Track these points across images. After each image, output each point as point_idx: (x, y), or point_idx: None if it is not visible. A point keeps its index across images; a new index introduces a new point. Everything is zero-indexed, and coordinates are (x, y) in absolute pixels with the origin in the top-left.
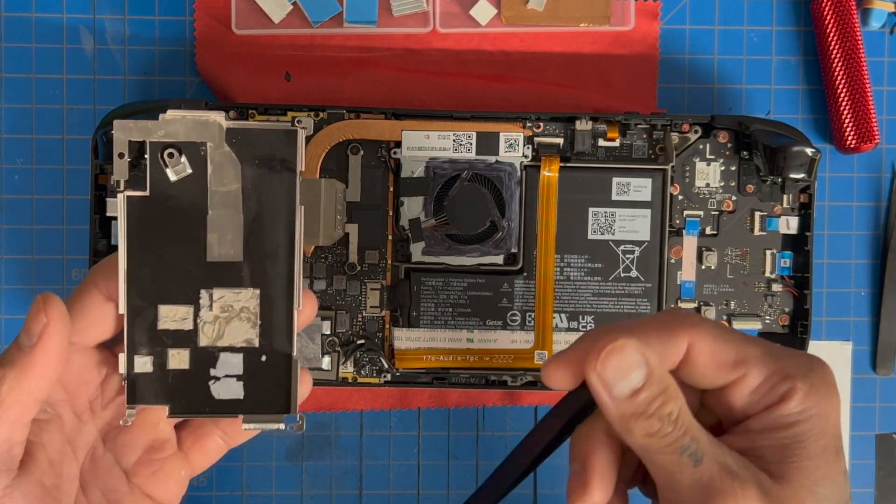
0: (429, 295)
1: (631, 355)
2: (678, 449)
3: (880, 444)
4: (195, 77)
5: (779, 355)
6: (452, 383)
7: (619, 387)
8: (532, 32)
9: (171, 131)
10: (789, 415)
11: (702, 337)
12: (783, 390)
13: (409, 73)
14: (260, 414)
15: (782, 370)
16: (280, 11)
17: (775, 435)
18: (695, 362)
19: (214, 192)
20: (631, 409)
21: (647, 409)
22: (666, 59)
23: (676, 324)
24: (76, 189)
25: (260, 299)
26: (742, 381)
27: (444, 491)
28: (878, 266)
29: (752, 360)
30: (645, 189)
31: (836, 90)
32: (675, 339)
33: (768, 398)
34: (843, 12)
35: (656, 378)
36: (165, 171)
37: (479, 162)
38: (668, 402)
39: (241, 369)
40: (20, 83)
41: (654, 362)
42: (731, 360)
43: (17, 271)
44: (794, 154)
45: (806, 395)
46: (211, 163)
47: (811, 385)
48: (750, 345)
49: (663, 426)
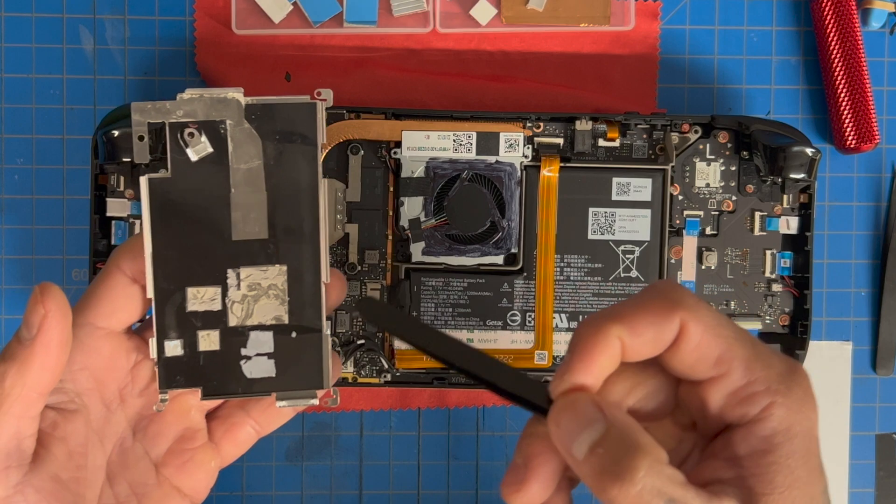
0: (429, 295)
1: (584, 409)
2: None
3: (880, 444)
4: (195, 77)
5: (765, 362)
6: (452, 383)
7: (576, 445)
8: (532, 32)
9: (190, 111)
10: (773, 435)
11: (694, 323)
12: (764, 403)
13: (409, 73)
14: (293, 391)
15: (765, 380)
16: (280, 11)
17: (761, 461)
18: (681, 346)
19: (236, 169)
20: (595, 466)
21: (608, 466)
22: (666, 59)
23: (671, 303)
24: (76, 189)
25: (287, 275)
26: (721, 379)
27: (444, 491)
28: (878, 266)
29: (738, 360)
30: (645, 189)
31: (836, 90)
32: (668, 323)
33: (746, 407)
34: (843, 12)
35: (615, 431)
36: (186, 151)
37: (480, 162)
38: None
39: (271, 347)
40: (20, 83)
41: (612, 414)
42: (715, 356)
43: (17, 271)
44: (794, 154)
45: (788, 412)
46: (231, 140)
47: (794, 400)
48: (739, 344)
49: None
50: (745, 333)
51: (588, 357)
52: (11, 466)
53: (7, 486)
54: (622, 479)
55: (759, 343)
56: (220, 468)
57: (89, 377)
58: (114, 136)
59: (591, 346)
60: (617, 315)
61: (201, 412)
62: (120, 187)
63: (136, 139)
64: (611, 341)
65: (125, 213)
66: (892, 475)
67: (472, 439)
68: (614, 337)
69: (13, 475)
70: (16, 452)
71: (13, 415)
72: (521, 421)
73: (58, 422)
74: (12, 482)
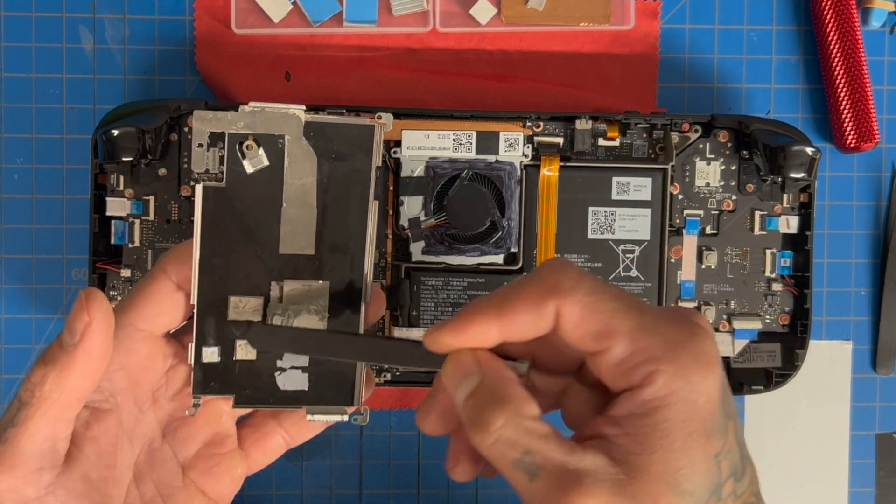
0: (429, 294)
1: (464, 361)
2: (510, 463)
3: (880, 443)
4: (195, 77)
5: (650, 331)
6: None
7: (457, 393)
8: (532, 32)
9: (250, 123)
10: (651, 400)
11: (569, 305)
12: (645, 372)
13: (409, 73)
14: (324, 405)
15: (648, 349)
16: (280, 11)
17: (637, 422)
18: (562, 329)
19: (290, 184)
20: (465, 415)
21: (473, 415)
22: (666, 59)
23: (546, 290)
24: (76, 188)
25: (329, 292)
26: (604, 354)
27: (444, 491)
28: (878, 265)
29: (620, 333)
30: (645, 188)
31: (837, 89)
32: (542, 310)
33: (629, 377)
34: (843, 12)
35: (486, 384)
36: (242, 162)
37: (479, 161)
38: (495, 410)
39: (306, 361)
40: (20, 83)
41: (487, 367)
42: (595, 331)
43: (17, 271)
44: (794, 153)
45: (670, 379)
46: (288, 155)
47: (679, 367)
48: (620, 317)
49: (487, 436)
50: (633, 304)
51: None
52: (45, 468)
53: (39, 487)
54: (481, 429)
55: (648, 312)
56: (247, 475)
57: (125, 377)
58: (114, 135)
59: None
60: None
61: (232, 418)
62: (120, 187)
63: (195, 147)
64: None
65: (125, 213)
66: (892, 474)
67: None
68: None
69: (46, 476)
70: (49, 454)
71: (50, 418)
72: None
73: (91, 421)
74: (45, 483)
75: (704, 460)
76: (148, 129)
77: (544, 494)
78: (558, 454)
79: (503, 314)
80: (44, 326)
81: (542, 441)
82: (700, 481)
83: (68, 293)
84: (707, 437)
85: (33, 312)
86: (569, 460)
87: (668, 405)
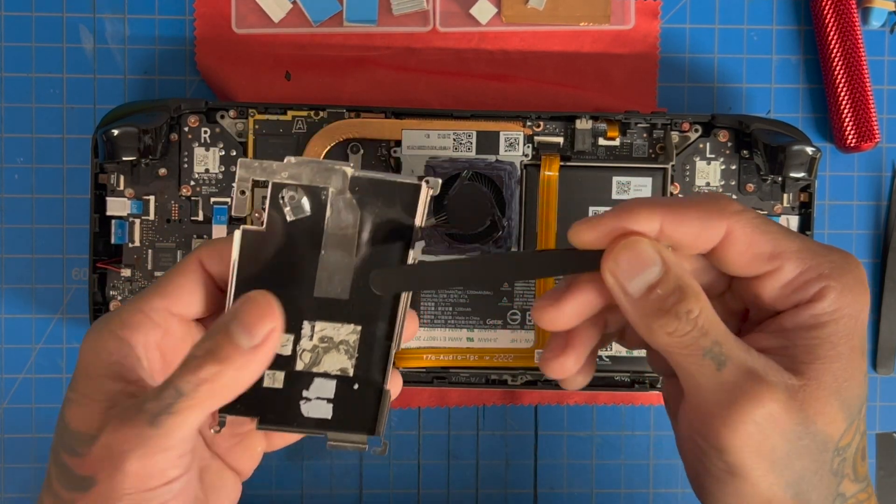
0: (429, 294)
1: (645, 251)
2: (700, 350)
3: (880, 443)
4: (195, 76)
5: (816, 252)
6: (452, 382)
7: (633, 284)
8: (532, 31)
9: (295, 174)
10: (822, 314)
11: (742, 225)
12: (816, 289)
13: (410, 73)
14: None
15: (817, 268)
16: (280, 11)
17: (806, 334)
18: (730, 249)
19: (330, 234)
20: (647, 306)
21: (662, 305)
22: (666, 59)
23: (717, 209)
24: (76, 188)
25: (360, 336)
26: (775, 273)
27: (444, 491)
28: (878, 265)
29: (789, 254)
30: (645, 188)
31: (837, 89)
32: (713, 222)
33: (799, 294)
34: (843, 11)
35: (673, 275)
36: (283, 210)
37: (480, 161)
38: (686, 299)
39: (332, 394)
40: (20, 83)
41: (670, 259)
42: (767, 252)
43: (17, 271)
44: (794, 153)
45: (839, 295)
46: (331, 207)
47: (844, 285)
48: (788, 238)
49: (681, 325)
50: (793, 231)
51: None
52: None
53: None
54: (675, 317)
55: (808, 238)
56: (266, 452)
57: (160, 358)
58: (114, 135)
59: (631, 212)
60: (662, 202)
61: None
62: (120, 186)
63: (237, 193)
64: (651, 218)
65: (125, 213)
66: (892, 474)
67: (472, 439)
68: (655, 218)
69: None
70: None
71: (205, 411)
72: (522, 420)
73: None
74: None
75: (861, 375)
76: (148, 129)
77: (730, 385)
78: (740, 351)
79: (672, 213)
80: (44, 326)
81: (727, 334)
82: (858, 395)
83: (68, 293)
84: (861, 354)
85: (33, 312)
86: (748, 357)
87: (836, 319)
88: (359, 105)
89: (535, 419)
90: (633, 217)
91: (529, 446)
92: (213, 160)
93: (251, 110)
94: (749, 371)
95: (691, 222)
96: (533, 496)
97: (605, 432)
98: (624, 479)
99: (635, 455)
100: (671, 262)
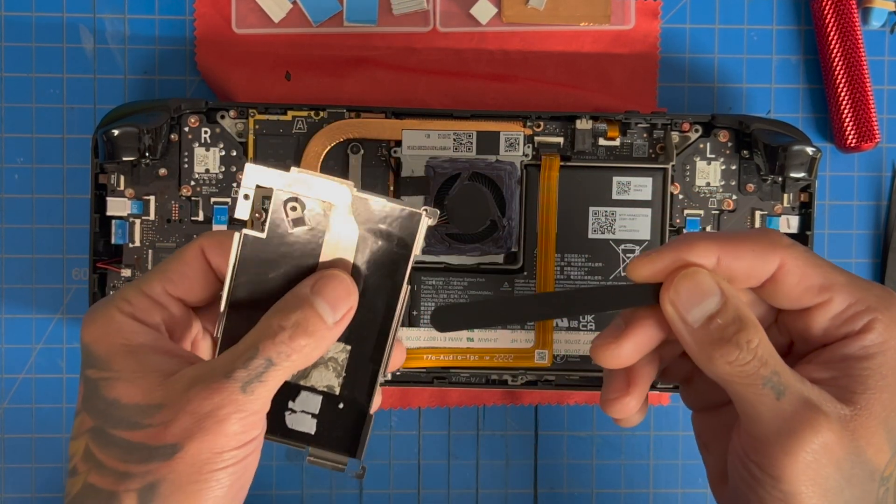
0: (429, 294)
1: (704, 281)
2: (760, 380)
3: None
4: (195, 76)
5: (862, 286)
6: (453, 382)
7: (693, 314)
8: (532, 31)
9: (299, 186)
10: (871, 346)
11: (794, 258)
12: (865, 321)
13: (410, 73)
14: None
15: (865, 300)
16: (280, 11)
17: (856, 365)
18: (783, 282)
19: (327, 250)
20: (707, 336)
21: (723, 335)
22: (666, 59)
23: (770, 243)
24: (76, 188)
25: (349, 354)
26: (826, 305)
27: (444, 491)
28: (878, 265)
29: (838, 287)
30: (645, 188)
31: (837, 89)
32: (767, 256)
33: (849, 326)
34: (843, 11)
35: (732, 305)
36: (285, 220)
37: (480, 161)
38: (745, 329)
39: (317, 409)
40: (20, 83)
41: (728, 289)
42: (818, 285)
43: (17, 271)
44: (794, 153)
45: (886, 328)
46: (332, 224)
47: (891, 318)
48: (837, 272)
49: (742, 354)
50: (839, 267)
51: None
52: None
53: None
54: (735, 347)
55: (852, 273)
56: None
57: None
58: (114, 135)
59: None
60: (718, 236)
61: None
62: (120, 186)
63: (241, 197)
64: (708, 251)
65: (125, 213)
66: None
67: (473, 439)
68: (712, 252)
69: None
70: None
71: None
72: (522, 420)
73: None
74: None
75: None
76: (148, 129)
77: (790, 414)
78: (797, 381)
79: (727, 247)
80: (44, 326)
81: (784, 365)
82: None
83: (68, 293)
84: None
85: (33, 312)
86: (804, 388)
87: (884, 351)
88: (359, 105)
89: (535, 419)
90: (691, 250)
91: (529, 446)
92: (214, 160)
93: (251, 110)
94: (806, 401)
95: (746, 255)
96: (533, 496)
97: (605, 432)
98: (624, 479)
99: (635, 455)
100: (730, 293)
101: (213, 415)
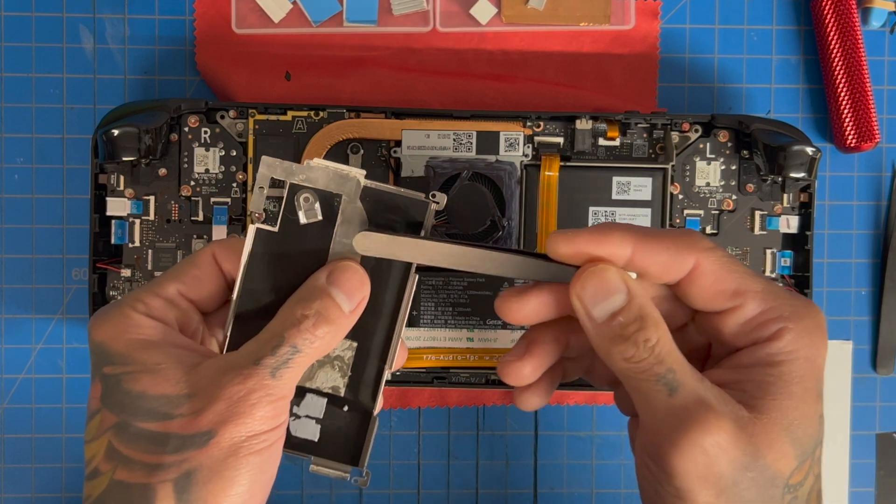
0: (429, 294)
1: (611, 279)
2: (653, 377)
3: (880, 443)
4: (195, 76)
5: (778, 295)
6: (452, 382)
7: (598, 309)
8: (532, 31)
9: (312, 178)
10: (777, 353)
11: (710, 261)
12: (775, 329)
13: (409, 73)
14: (329, 460)
15: (778, 309)
16: (280, 11)
17: (761, 371)
18: (696, 283)
19: (337, 241)
20: (609, 332)
21: (623, 332)
22: (666, 59)
23: (688, 243)
24: (76, 188)
25: (355, 352)
26: (737, 310)
27: (444, 491)
28: (878, 265)
29: (752, 293)
30: (645, 188)
31: (837, 89)
32: (683, 255)
33: (758, 333)
34: (843, 11)
35: (636, 304)
36: (297, 212)
37: (480, 161)
38: (646, 328)
39: (321, 413)
40: (20, 83)
41: (634, 288)
42: (731, 290)
43: (17, 271)
44: (794, 153)
45: (796, 337)
46: (341, 214)
47: (803, 328)
48: (754, 279)
49: (638, 352)
50: (760, 275)
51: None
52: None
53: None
54: (634, 344)
55: (773, 283)
56: None
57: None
58: (114, 135)
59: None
60: (637, 230)
61: None
62: (120, 186)
63: (256, 188)
64: (623, 248)
65: (125, 213)
66: (892, 474)
67: (473, 439)
68: (627, 244)
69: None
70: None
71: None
72: (522, 420)
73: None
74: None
75: (814, 416)
76: (148, 129)
77: (681, 411)
78: (693, 380)
79: (644, 242)
80: (44, 326)
81: (682, 363)
82: (810, 434)
83: (68, 293)
84: (816, 396)
85: (33, 312)
86: (700, 387)
87: (791, 360)
88: (359, 105)
89: (535, 419)
90: (606, 239)
91: (529, 446)
92: (213, 160)
93: (251, 110)
94: (700, 399)
95: (662, 252)
96: (533, 496)
97: (605, 432)
98: (624, 479)
99: None
100: (635, 292)
101: (246, 399)
